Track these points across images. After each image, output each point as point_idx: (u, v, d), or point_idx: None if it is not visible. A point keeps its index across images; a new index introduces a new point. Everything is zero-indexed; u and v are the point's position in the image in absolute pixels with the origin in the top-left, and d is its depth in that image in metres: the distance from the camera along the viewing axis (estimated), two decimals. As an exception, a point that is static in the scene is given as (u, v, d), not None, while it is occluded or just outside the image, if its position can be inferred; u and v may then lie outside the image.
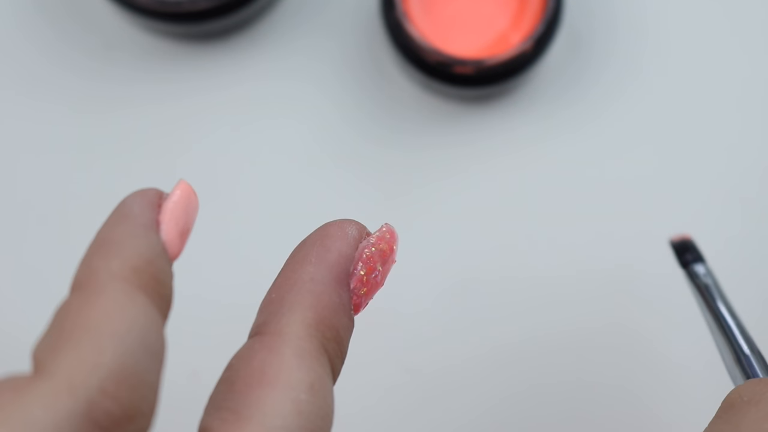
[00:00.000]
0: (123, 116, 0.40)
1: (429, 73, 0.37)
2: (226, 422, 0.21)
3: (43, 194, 0.39)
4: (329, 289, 0.25)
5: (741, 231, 0.39)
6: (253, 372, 0.22)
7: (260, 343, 0.23)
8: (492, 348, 0.38)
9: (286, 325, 0.24)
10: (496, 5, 0.37)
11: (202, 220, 0.39)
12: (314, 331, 0.24)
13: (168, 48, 0.40)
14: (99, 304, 0.22)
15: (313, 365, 0.24)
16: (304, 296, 0.25)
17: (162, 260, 0.25)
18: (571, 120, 0.39)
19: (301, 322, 0.24)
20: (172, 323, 0.37)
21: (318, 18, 0.40)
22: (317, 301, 0.25)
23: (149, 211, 0.26)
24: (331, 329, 0.25)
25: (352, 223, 0.27)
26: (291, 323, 0.24)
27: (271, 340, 0.23)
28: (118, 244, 0.25)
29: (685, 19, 0.40)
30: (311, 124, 0.40)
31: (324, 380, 0.24)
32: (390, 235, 0.28)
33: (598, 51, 0.40)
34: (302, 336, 0.24)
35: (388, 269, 0.28)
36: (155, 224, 0.26)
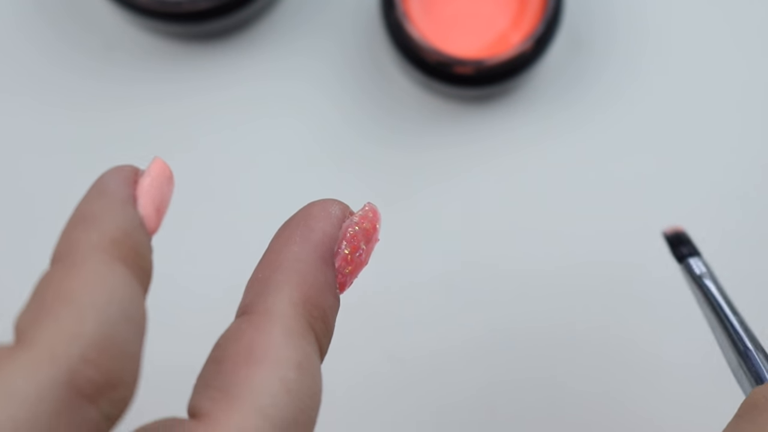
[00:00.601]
0: (123, 116, 0.40)
1: (429, 73, 0.37)
2: (214, 401, 0.22)
3: (43, 194, 0.39)
4: (314, 268, 0.26)
5: (740, 230, 0.39)
6: (241, 351, 0.22)
7: (247, 322, 0.23)
8: (488, 339, 0.38)
9: (272, 305, 0.24)
10: (496, 5, 0.37)
11: (202, 220, 0.39)
12: (301, 310, 0.25)
13: (168, 48, 0.40)
14: (79, 275, 0.22)
15: (300, 344, 0.24)
16: (289, 275, 0.25)
17: (140, 233, 0.25)
18: (571, 120, 0.39)
19: (287, 301, 0.24)
20: (175, 319, 0.37)
21: (318, 18, 0.40)
22: (303, 281, 0.25)
23: (126, 186, 0.26)
24: (318, 308, 0.25)
25: (335, 203, 0.27)
26: (277, 302, 0.24)
27: (258, 319, 0.23)
28: (96, 217, 0.25)
29: (685, 19, 0.40)
30: (311, 123, 0.40)
31: (312, 359, 0.24)
32: (373, 213, 0.28)
33: (598, 51, 0.40)
34: (289, 315, 0.24)
35: (372, 248, 0.28)
36: (132, 199, 0.26)
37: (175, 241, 0.39)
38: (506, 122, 0.39)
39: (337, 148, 0.39)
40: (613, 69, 0.40)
